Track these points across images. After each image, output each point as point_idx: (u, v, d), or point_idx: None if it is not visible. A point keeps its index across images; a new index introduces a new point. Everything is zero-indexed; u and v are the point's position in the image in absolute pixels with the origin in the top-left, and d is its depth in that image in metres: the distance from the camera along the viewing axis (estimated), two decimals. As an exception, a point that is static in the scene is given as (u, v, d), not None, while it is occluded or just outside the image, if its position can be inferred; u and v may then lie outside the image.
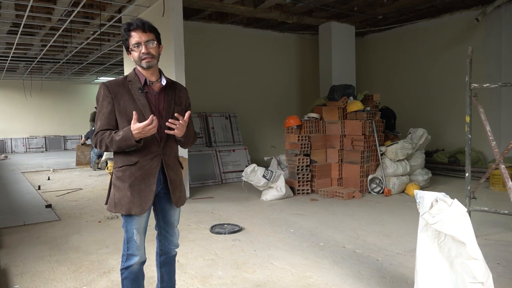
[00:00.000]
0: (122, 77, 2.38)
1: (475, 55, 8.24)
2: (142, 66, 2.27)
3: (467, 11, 8.63)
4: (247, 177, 6.21)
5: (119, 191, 2.28)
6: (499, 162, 3.27)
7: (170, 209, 2.49)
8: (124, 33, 2.25)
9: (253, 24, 9.66)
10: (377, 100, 7.25)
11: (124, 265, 2.36)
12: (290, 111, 9.53)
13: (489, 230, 4.44)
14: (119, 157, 2.31)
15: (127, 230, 2.33)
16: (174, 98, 2.43)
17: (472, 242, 2.35)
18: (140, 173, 2.28)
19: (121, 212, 2.29)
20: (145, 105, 2.28)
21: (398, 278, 3.25)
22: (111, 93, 2.26)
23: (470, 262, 2.34)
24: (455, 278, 2.43)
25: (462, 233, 2.36)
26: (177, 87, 2.49)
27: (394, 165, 6.61)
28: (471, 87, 4.05)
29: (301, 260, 3.69)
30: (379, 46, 10.71)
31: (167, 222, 2.52)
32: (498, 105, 7.99)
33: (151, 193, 2.31)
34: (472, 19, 8.18)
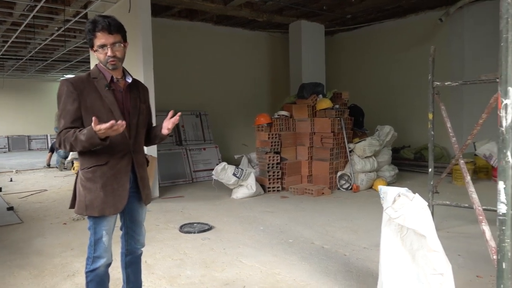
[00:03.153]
0: (85, 73, 2.30)
1: (439, 54, 8.51)
2: (107, 67, 2.21)
3: (432, 11, 8.90)
4: (217, 176, 6.19)
5: (91, 192, 2.21)
6: (459, 157, 3.40)
7: (138, 208, 2.45)
8: (89, 32, 2.15)
9: (224, 21, 9.62)
10: (345, 98, 7.37)
11: (89, 268, 2.30)
12: (262, 109, 9.55)
13: (451, 223, 4.61)
14: (86, 157, 2.23)
15: (95, 232, 2.27)
16: (139, 96, 2.40)
17: (432, 235, 2.42)
18: (112, 173, 2.22)
19: (93, 214, 2.22)
20: (113, 102, 2.23)
21: (364, 272, 3.32)
22: (76, 90, 2.16)
23: (430, 254, 2.41)
24: (417, 270, 2.50)
25: (423, 227, 2.43)
26: (140, 85, 2.46)
27: (362, 161, 6.75)
28: (434, 85, 4.17)
29: (270, 257, 3.71)
30: (348, 45, 10.89)
31: (135, 221, 2.48)
32: (460, 103, 8.28)
33: (125, 192, 2.27)
34: (437, 19, 8.44)
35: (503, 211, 1.73)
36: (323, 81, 9.52)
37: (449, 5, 8.31)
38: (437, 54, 8.01)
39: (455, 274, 3.17)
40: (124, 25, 2.29)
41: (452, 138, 3.74)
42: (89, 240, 2.28)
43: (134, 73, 6.02)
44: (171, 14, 8.79)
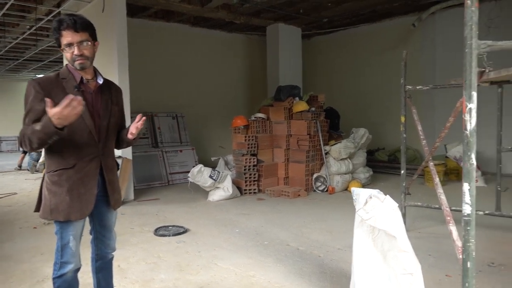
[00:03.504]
0: (53, 74, 2.23)
1: (412, 59, 8.72)
2: (75, 67, 2.16)
3: (405, 16, 9.11)
4: (193, 178, 6.14)
5: (56, 196, 2.14)
6: (428, 159, 3.49)
7: (107, 212, 2.40)
8: (55, 31, 2.09)
9: (201, 23, 9.58)
10: (321, 100, 7.45)
11: (56, 273, 2.24)
12: (239, 111, 9.55)
13: (423, 223, 4.72)
14: (53, 160, 2.17)
15: (62, 237, 2.21)
16: (111, 98, 2.34)
17: (402, 235, 2.47)
18: (79, 176, 2.16)
19: (58, 218, 2.15)
20: None
21: (338, 273, 3.35)
22: (44, 91, 2.07)
23: (400, 255, 2.46)
24: (388, 270, 2.54)
25: (393, 228, 2.48)
26: (112, 86, 2.40)
27: (338, 163, 6.83)
28: (406, 89, 4.27)
29: (245, 260, 3.70)
30: (325, 48, 11.03)
31: (104, 226, 2.43)
32: (432, 106, 8.50)
33: (92, 197, 2.21)
34: (410, 25, 8.65)
35: (468, 212, 1.79)
36: (300, 84, 9.61)
37: (422, 11, 8.54)
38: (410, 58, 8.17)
39: (425, 273, 3.24)
40: (98, 25, 2.24)
41: (422, 141, 3.83)
42: (56, 245, 2.22)
43: (108, 74, 5.93)
44: (148, 15, 8.70)
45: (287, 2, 7.97)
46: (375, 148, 9.31)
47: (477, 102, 1.73)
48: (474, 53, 1.73)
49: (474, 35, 1.73)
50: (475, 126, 1.76)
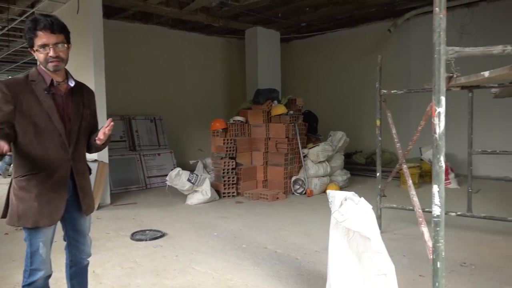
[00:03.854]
0: (22, 75, 2.18)
1: (388, 64, 8.91)
2: (48, 69, 2.12)
3: (381, 22, 9.28)
4: (171, 181, 6.09)
5: (23, 202, 2.09)
6: (402, 162, 3.56)
7: (80, 217, 2.35)
8: (29, 31, 2.05)
9: (179, 25, 9.53)
10: (300, 104, 7.52)
11: (26, 281, 2.19)
12: (218, 114, 9.52)
13: (398, 225, 4.81)
14: (21, 164, 2.11)
15: (31, 244, 2.16)
16: (83, 101, 2.30)
17: (376, 237, 2.52)
18: (49, 181, 2.11)
19: (26, 225, 2.10)
20: (51, 107, 2.12)
21: (315, 275, 3.38)
22: (11, 92, 2.03)
23: (375, 256, 2.51)
24: (363, 271, 2.58)
25: (367, 229, 2.52)
26: (84, 89, 2.36)
27: (316, 166, 6.90)
28: (381, 93, 4.35)
29: (223, 263, 3.70)
30: (303, 52, 11.13)
31: (77, 231, 2.38)
32: (407, 110, 8.69)
33: (61, 202, 2.17)
34: (386, 30, 8.82)
35: (438, 213, 1.83)
36: (279, 87, 9.66)
37: (397, 17, 8.73)
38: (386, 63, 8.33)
39: (399, 274, 3.31)
40: (74, 26, 2.22)
41: (396, 144, 3.92)
42: (25, 252, 2.17)
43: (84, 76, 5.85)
44: (125, 17, 8.60)
45: (265, 6, 8.02)
46: (352, 151, 9.44)
47: (450, 106, 1.79)
48: (443, 59, 1.78)
49: (442, 41, 1.78)
50: (444, 129, 1.81)
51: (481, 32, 7.73)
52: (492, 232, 4.44)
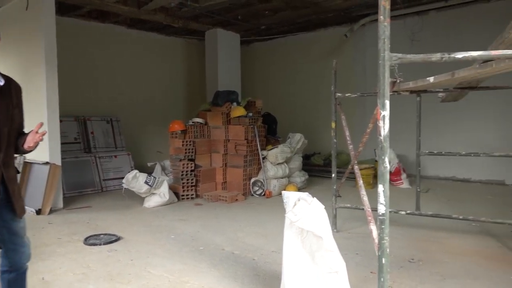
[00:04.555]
0: None
1: (345, 67, 9.17)
2: None
3: (339, 27, 9.54)
4: (128, 184, 5.96)
5: None
6: (353, 163, 3.69)
7: (14, 220, 2.26)
8: None
9: (138, 25, 9.35)
10: (259, 106, 7.58)
11: None
12: (178, 116, 9.43)
13: (352, 224, 4.96)
14: None
15: None
16: (12, 101, 2.17)
17: (328, 236, 2.59)
18: None
19: None
20: None
21: (271, 275, 3.43)
22: None
23: (327, 254, 2.58)
24: (316, 269, 2.65)
25: (320, 229, 2.59)
26: (12, 85, 2.22)
27: (275, 168, 6.98)
28: (336, 96, 4.48)
29: (180, 266, 3.67)
30: (263, 54, 11.24)
31: (14, 233, 2.28)
32: (363, 113, 8.98)
33: None
34: (343, 35, 9.08)
35: (383, 211, 1.92)
36: (239, 89, 9.69)
37: (354, 22, 9.01)
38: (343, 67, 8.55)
39: (352, 271, 3.43)
40: (24, 22, 2.12)
41: (349, 145, 4.05)
42: None
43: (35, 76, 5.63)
44: (80, 14, 8.33)
45: (225, 8, 8.04)
46: (311, 153, 9.62)
47: (403, 110, 1.88)
48: (387, 64, 1.88)
49: (386, 48, 1.87)
50: (388, 132, 1.90)
51: (430, 39, 8.13)
52: (439, 229, 4.68)
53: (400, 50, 1.91)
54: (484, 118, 7.68)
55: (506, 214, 4.69)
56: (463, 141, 7.80)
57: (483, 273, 3.38)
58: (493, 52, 1.84)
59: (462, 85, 3.79)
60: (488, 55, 1.85)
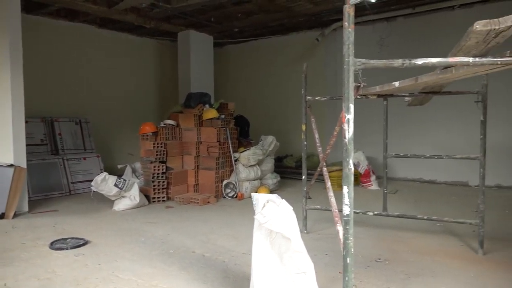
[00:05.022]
0: None
1: (318, 71, 9.31)
2: None
3: (311, 31, 9.69)
4: (97, 187, 5.84)
5: None
6: (322, 165, 3.76)
7: None
8: None
9: (108, 25, 9.18)
10: (232, 108, 7.59)
11: None
12: (149, 117, 9.31)
13: (322, 225, 5.04)
14: None
15: None
16: None
17: (296, 237, 2.63)
18: None
19: None
20: None
21: (241, 277, 3.44)
22: None
23: (295, 255, 2.62)
24: (285, 270, 2.68)
25: (288, 230, 2.63)
26: None
27: (247, 170, 7.00)
28: (306, 99, 4.55)
29: (149, 269, 3.62)
30: (236, 57, 11.26)
31: None
32: (334, 116, 9.13)
33: None
34: (314, 39, 9.23)
35: (347, 212, 1.97)
36: (212, 91, 9.68)
37: (325, 27, 9.17)
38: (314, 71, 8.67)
39: (321, 271, 3.49)
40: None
41: (318, 148, 4.12)
42: None
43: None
44: (48, 13, 8.10)
45: (198, 10, 8.02)
46: (283, 155, 9.70)
47: (373, 114, 1.93)
48: (351, 69, 1.93)
49: (351, 53, 1.93)
50: (353, 135, 1.95)
51: (398, 45, 8.37)
52: (405, 229, 4.82)
53: (369, 55, 1.98)
54: (449, 122, 7.97)
55: (468, 214, 4.87)
56: (429, 144, 8.07)
57: (445, 271, 3.51)
58: (450, 59, 1.93)
59: (426, 90, 3.93)
60: (446, 62, 1.93)
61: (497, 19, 1.76)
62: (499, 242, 4.29)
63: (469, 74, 2.67)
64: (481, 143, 3.88)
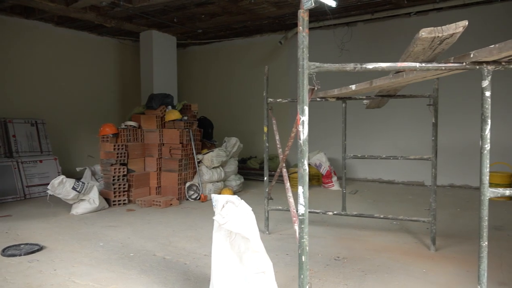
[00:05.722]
0: None
1: (280, 73, 9.42)
2: None
3: (274, 34, 9.80)
4: (53, 190, 5.64)
5: None
6: (282, 166, 3.82)
7: None
8: None
9: (67, 23, 8.90)
10: (195, 110, 7.55)
11: None
12: (111, 119, 9.11)
13: (284, 226, 5.11)
14: None
15: None
16: None
17: (255, 237, 2.66)
18: None
19: None
20: None
21: (202, 278, 3.44)
22: None
23: (254, 255, 2.65)
24: (244, 270, 2.71)
25: (247, 230, 2.65)
26: None
27: (210, 172, 6.99)
28: (268, 101, 4.61)
29: (107, 274, 3.55)
30: (200, 58, 11.21)
31: None
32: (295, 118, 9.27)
33: None
34: (278, 42, 9.34)
35: (302, 211, 2.02)
36: (175, 92, 9.59)
37: (288, 30, 9.30)
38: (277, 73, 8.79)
39: (282, 271, 3.54)
40: None
41: (279, 149, 4.18)
42: None
43: None
44: (2, 9, 7.76)
45: (160, 10, 7.92)
46: (247, 157, 9.75)
47: (335, 116, 1.98)
48: (306, 72, 1.99)
49: (305, 57, 1.98)
50: (307, 136, 2.00)
51: (359, 49, 8.62)
52: (364, 228, 4.97)
53: (330, 59, 2.05)
54: (406, 124, 8.28)
55: (423, 213, 5.09)
56: (388, 146, 8.36)
57: (400, 268, 3.65)
58: (399, 64, 2.02)
59: (382, 93, 4.07)
60: (395, 67, 2.02)
61: (441, 27, 1.87)
62: (450, 239, 4.51)
63: (419, 78, 2.81)
64: (433, 145, 4.07)
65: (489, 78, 1.94)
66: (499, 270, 3.57)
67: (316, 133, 8.91)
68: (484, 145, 1.95)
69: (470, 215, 5.66)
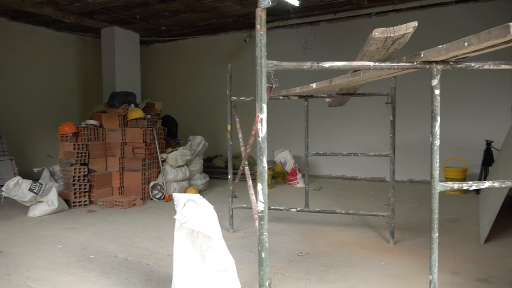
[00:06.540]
0: None
1: (245, 71, 9.42)
2: None
3: (239, 32, 9.80)
4: (8, 192, 5.40)
5: None
6: (244, 164, 3.84)
7: None
8: None
9: (22, 17, 8.53)
10: (159, 108, 7.43)
11: None
12: (71, 117, 8.81)
13: (249, 223, 5.13)
14: None
15: None
16: None
17: (217, 235, 2.66)
18: None
19: None
20: None
21: (164, 278, 3.40)
22: None
23: (216, 253, 2.65)
24: (207, 269, 2.70)
25: (209, 229, 2.65)
26: None
27: (175, 171, 6.91)
28: (231, 100, 4.61)
29: (66, 277, 3.44)
30: (164, 56, 11.04)
31: None
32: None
33: None
34: (242, 40, 9.34)
35: (262, 208, 2.04)
36: (138, 90, 9.41)
37: (252, 28, 9.32)
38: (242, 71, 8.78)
39: (246, 268, 3.56)
40: None
41: (241, 147, 4.20)
42: None
43: None
44: (-51, 2, 7.34)
45: (122, 6, 7.75)
46: (213, 155, 9.71)
47: (300, 114, 2.00)
48: (264, 71, 2.00)
49: (263, 55, 2.00)
50: (266, 133, 2.02)
51: (321, 48, 8.76)
52: (326, 224, 5.07)
53: (294, 57, 2.08)
54: (366, 121, 8.50)
55: (383, 208, 5.25)
56: (351, 143, 8.56)
57: (360, 261, 3.76)
58: (354, 63, 2.08)
59: (342, 91, 4.17)
60: (350, 66, 2.08)
61: (392, 27, 1.93)
62: (409, 232, 4.68)
63: (375, 77, 2.90)
64: (391, 141, 4.20)
65: (438, 77, 2.03)
66: (452, 260, 3.74)
67: (282, 131, 9.01)
68: (434, 141, 2.04)
69: (427, 209, 5.88)
